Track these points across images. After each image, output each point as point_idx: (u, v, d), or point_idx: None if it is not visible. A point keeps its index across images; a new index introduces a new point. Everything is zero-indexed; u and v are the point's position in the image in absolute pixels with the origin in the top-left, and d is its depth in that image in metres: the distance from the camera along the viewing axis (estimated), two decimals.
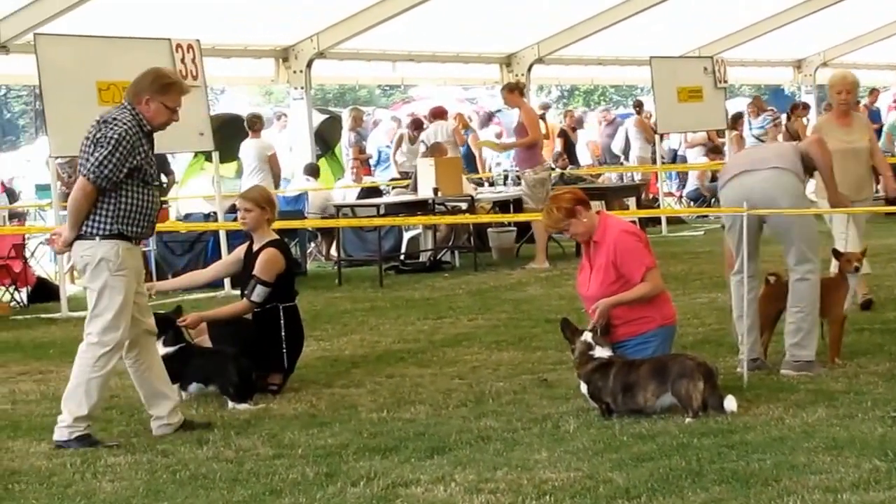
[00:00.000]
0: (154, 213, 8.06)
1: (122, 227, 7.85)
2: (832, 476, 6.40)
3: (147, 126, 7.90)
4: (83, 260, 7.92)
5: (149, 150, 7.92)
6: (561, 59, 25.45)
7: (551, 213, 8.71)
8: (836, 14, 25.61)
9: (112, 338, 7.86)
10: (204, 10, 18.47)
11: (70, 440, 7.86)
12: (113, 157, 7.71)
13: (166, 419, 8.15)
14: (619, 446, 7.25)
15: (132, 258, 7.97)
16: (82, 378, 7.89)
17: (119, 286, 7.84)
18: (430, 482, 6.72)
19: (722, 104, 22.48)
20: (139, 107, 7.88)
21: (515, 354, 10.60)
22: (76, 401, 7.89)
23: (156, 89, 7.90)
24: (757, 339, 9.32)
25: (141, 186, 7.89)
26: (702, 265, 16.09)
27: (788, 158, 9.22)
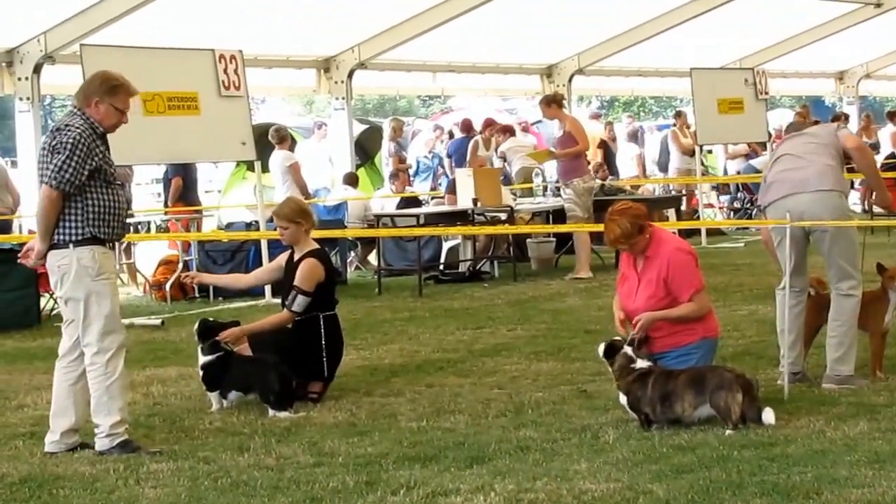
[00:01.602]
0: (123, 213, 8.09)
1: (94, 230, 7.86)
2: (874, 490, 6.38)
3: (99, 128, 7.94)
4: (60, 270, 7.90)
5: (105, 151, 7.96)
6: (601, 71, 25.45)
7: (623, 227, 8.54)
8: (880, 25, 25.51)
9: (112, 340, 7.90)
10: (247, 21, 18.58)
11: (113, 447, 7.90)
12: (72, 161, 7.75)
13: (59, 437, 8.05)
14: (659, 458, 7.25)
15: (109, 262, 8.00)
16: (101, 389, 7.91)
17: (103, 290, 7.88)
18: (469, 492, 6.74)
19: (763, 116, 22.43)
20: (89, 110, 7.93)
21: (554, 365, 10.60)
22: (104, 411, 7.92)
23: (104, 91, 7.96)
24: (801, 352, 9.31)
25: (105, 187, 7.92)
26: (742, 277, 16.05)
27: (829, 178, 9.17)
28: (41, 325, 14.51)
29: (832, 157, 9.22)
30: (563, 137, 17.28)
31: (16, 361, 12.03)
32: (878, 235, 20.89)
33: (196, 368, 9.62)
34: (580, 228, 16.49)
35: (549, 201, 19.66)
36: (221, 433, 8.49)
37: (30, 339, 13.51)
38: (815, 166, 9.16)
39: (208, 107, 15.27)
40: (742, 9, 23.50)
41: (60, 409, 8.11)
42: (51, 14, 16.83)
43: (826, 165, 9.17)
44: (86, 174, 7.81)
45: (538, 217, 19.02)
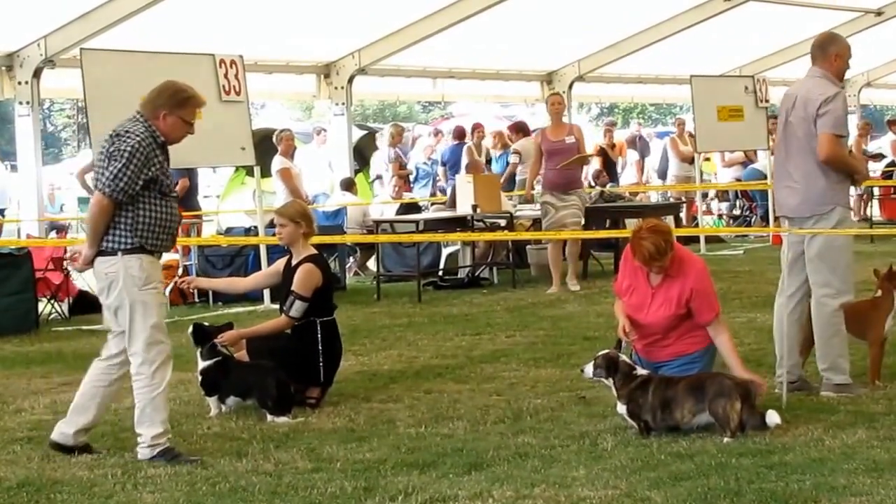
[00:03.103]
0: (174, 226, 7.98)
1: (142, 241, 7.76)
2: (872, 498, 6.39)
3: (160, 138, 7.85)
4: (108, 277, 7.83)
5: (164, 161, 7.86)
6: (601, 77, 25.47)
7: (658, 244, 8.43)
8: (880, 34, 25.53)
9: (158, 351, 7.82)
10: (247, 25, 18.59)
11: (154, 456, 7.80)
12: (127, 170, 7.64)
13: (71, 433, 8.02)
14: (657, 465, 7.25)
15: (156, 272, 7.91)
16: (146, 400, 7.82)
17: (149, 300, 7.80)
18: (467, 498, 6.74)
19: (763, 123, 22.42)
20: (155, 122, 7.84)
21: (553, 371, 10.60)
22: (147, 422, 7.84)
23: (174, 104, 7.88)
24: (798, 360, 9.31)
25: (158, 198, 7.81)
26: (741, 284, 16.05)
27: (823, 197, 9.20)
28: (39, 330, 14.51)
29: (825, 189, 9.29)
30: (574, 146, 16.80)
31: (14, 366, 12.02)
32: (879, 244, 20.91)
33: (195, 373, 9.62)
34: (578, 235, 16.47)
35: None
36: (220, 438, 8.49)
37: (28, 344, 13.50)
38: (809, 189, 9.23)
39: (208, 112, 15.05)
40: (742, 16, 23.54)
41: (81, 407, 8.06)
42: (51, 18, 16.84)
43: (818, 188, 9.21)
44: (140, 184, 7.69)
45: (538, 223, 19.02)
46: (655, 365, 8.50)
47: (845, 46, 9.37)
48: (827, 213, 9.11)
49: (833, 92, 9.09)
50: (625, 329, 8.50)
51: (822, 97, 9.04)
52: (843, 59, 9.31)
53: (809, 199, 9.15)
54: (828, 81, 9.20)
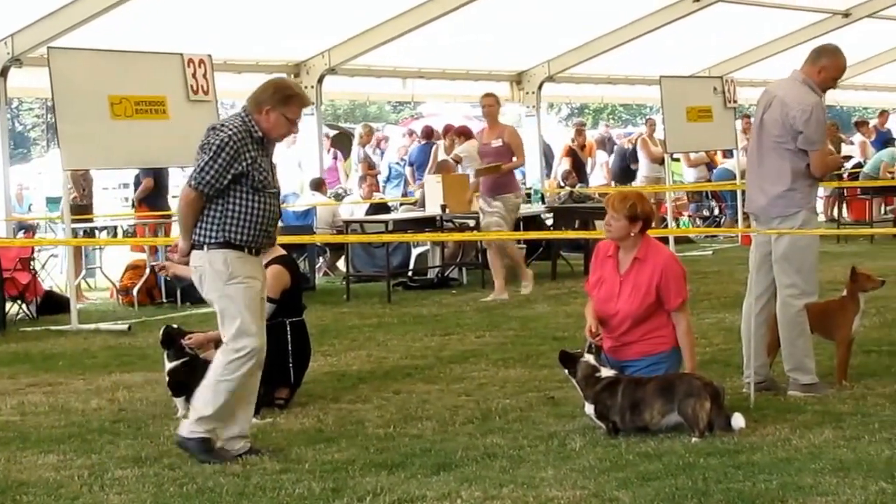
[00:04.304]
0: (269, 221, 7.78)
1: (228, 236, 7.64)
2: (838, 498, 6.41)
3: (258, 133, 7.71)
4: (197, 271, 7.76)
5: (258, 156, 7.68)
6: (571, 78, 25.49)
7: (628, 195, 8.67)
8: (847, 36, 25.61)
9: (243, 344, 7.65)
10: (216, 25, 18.53)
11: (188, 439, 7.71)
12: (214, 164, 7.55)
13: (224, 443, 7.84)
14: (626, 465, 7.26)
15: (247, 266, 7.71)
16: (212, 379, 7.72)
17: (236, 294, 7.63)
18: (435, 499, 6.74)
19: (731, 124, 22.51)
20: (257, 116, 7.70)
21: (522, 372, 10.61)
22: (203, 399, 7.73)
23: (277, 100, 7.73)
24: (766, 361, 9.34)
25: (251, 193, 7.66)
26: (710, 285, 16.10)
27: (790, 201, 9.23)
28: (6, 331, 14.43)
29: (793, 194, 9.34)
30: (502, 149, 16.23)
31: None
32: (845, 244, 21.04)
33: (162, 374, 9.59)
34: (556, 235, 16.48)
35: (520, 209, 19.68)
36: None
37: None
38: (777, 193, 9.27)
39: (177, 111, 15.22)
40: (711, 17, 23.59)
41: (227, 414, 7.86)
42: (18, 16, 16.74)
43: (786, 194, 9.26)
44: (228, 178, 7.58)
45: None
46: (622, 364, 8.50)
47: (837, 66, 9.36)
48: (792, 215, 9.14)
49: (811, 104, 9.09)
50: (591, 329, 8.51)
51: (800, 108, 9.04)
52: (828, 75, 9.32)
53: (776, 200, 9.18)
54: (808, 89, 9.21)
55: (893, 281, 15.39)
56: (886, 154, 24.86)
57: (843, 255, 18.62)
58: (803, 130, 9.02)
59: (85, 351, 12.82)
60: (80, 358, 12.32)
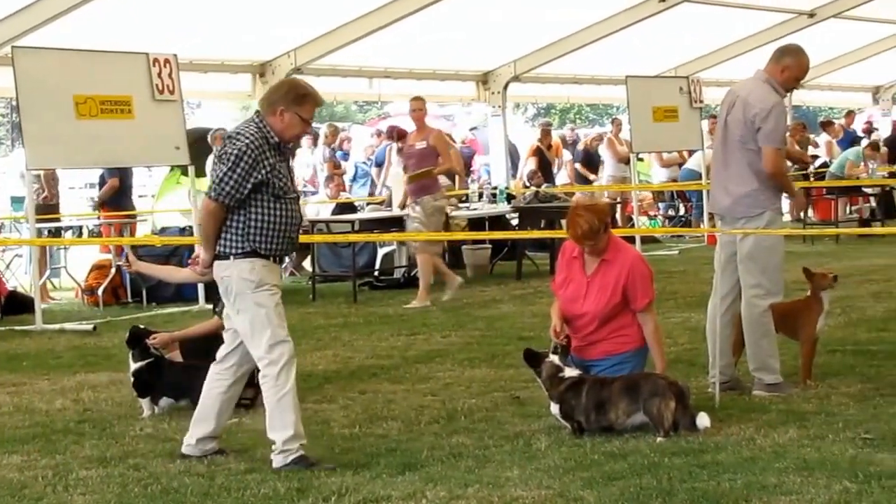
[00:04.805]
0: (292, 228, 7.66)
1: (255, 245, 7.51)
2: (802, 497, 6.43)
3: (274, 138, 7.58)
4: (223, 282, 7.65)
5: (277, 162, 7.54)
6: (537, 78, 25.51)
7: (591, 222, 8.50)
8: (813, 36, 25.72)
9: (281, 351, 7.52)
10: (181, 24, 18.46)
11: (287, 464, 7.52)
12: (234, 174, 7.42)
13: (195, 443, 7.83)
14: (591, 465, 7.27)
15: (271, 275, 7.60)
16: (272, 403, 7.55)
17: (264, 301, 7.52)
18: (401, 498, 6.74)
19: (697, 124, 22.58)
20: (271, 118, 7.57)
21: (488, 372, 10.61)
22: (278, 426, 7.55)
23: (291, 100, 7.58)
24: (731, 360, 9.37)
25: (272, 200, 7.52)
26: (676, 285, 16.15)
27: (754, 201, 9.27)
28: None
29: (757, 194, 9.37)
30: (426, 151, 15.93)
31: None
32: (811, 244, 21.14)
33: (127, 374, 9.55)
34: (522, 235, 16.48)
35: (485, 208, 19.72)
36: (152, 439, 8.44)
37: None
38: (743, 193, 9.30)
39: (142, 111, 15.18)
40: (677, 17, 23.65)
41: (202, 416, 7.84)
42: None
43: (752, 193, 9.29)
44: (248, 188, 7.44)
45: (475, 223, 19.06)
46: (587, 363, 8.52)
47: (800, 65, 9.39)
48: (757, 215, 9.17)
49: (772, 103, 9.12)
50: (555, 329, 8.53)
51: (761, 106, 9.09)
52: (791, 75, 9.35)
53: (741, 200, 9.22)
54: (770, 88, 9.24)
55: (858, 280, 15.63)
56: (852, 153, 25.00)
57: (809, 254, 18.72)
58: (761, 126, 9.06)
59: (50, 351, 12.76)
60: (44, 358, 12.26)
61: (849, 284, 14.80)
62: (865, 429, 7.85)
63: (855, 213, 25.88)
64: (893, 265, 17.45)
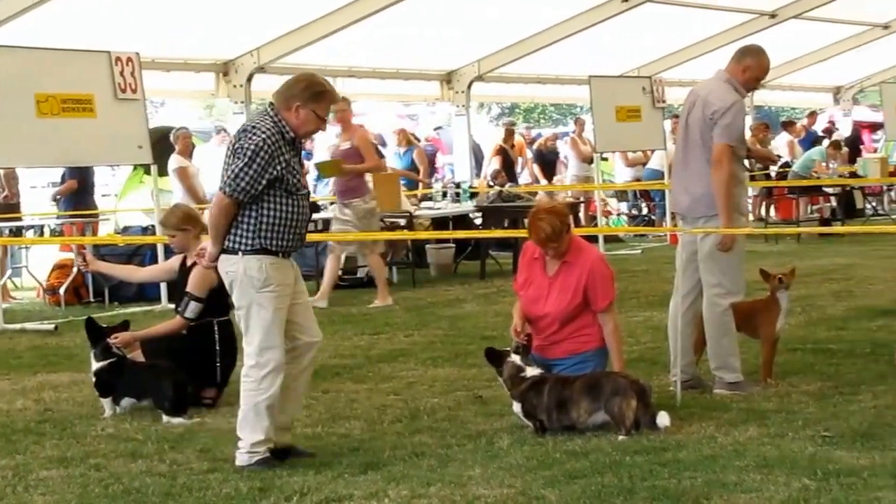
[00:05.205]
0: (302, 224, 7.57)
1: (264, 242, 7.41)
2: (762, 494, 6.47)
3: (290, 133, 7.48)
4: (228, 277, 7.55)
5: (290, 158, 7.45)
6: (501, 77, 25.53)
7: (554, 225, 8.53)
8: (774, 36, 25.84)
9: (270, 357, 7.43)
10: (144, 23, 18.39)
11: (252, 464, 7.49)
12: (249, 169, 7.29)
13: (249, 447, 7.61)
14: (553, 463, 7.29)
15: (280, 273, 7.49)
16: (250, 403, 7.50)
17: (266, 303, 7.41)
18: (363, 497, 6.74)
19: (660, 124, 22.66)
20: (286, 113, 7.45)
21: (451, 371, 10.63)
22: (249, 427, 7.51)
23: (308, 97, 7.45)
24: (692, 359, 9.41)
25: (284, 197, 7.43)
26: (638, 284, 16.20)
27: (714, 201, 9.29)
28: None
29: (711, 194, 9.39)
30: (350, 151, 15.73)
31: None
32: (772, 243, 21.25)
33: (89, 374, 9.52)
34: (485, 235, 16.47)
35: (449, 207, 19.74)
36: (113, 439, 8.41)
37: None
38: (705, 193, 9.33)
39: (104, 109, 15.11)
40: (640, 17, 23.72)
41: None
42: None
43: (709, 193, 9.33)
44: (263, 184, 7.32)
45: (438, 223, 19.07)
46: (549, 363, 8.55)
47: (761, 66, 9.43)
48: (716, 215, 9.20)
49: (731, 101, 9.17)
50: (516, 329, 8.55)
51: (720, 104, 9.13)
52: (752, 75, 9.40)
53: (701, 200, 9.26)
54: (730, 87, 9.28)
55: (818, 280, 15.72)
56: (817, 153, 25.15)
57: (771, 254, 18.85)
58: (717, 122, 9.10)
59: (10, 351, 12.70)
60: (5, 358, 12.21)
61: (809, 283, 14.90)
62: (825, 427, 7.90)
63: (816, 213, 26.03)
64: (853, 264, 17.58)
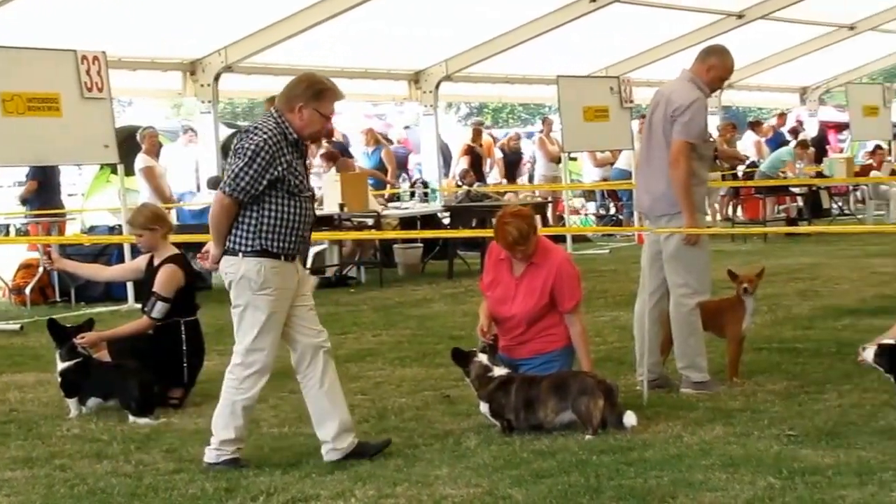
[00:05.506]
0: (305, 226, 7.50)
1: (265, 243, 7.33)
2: (728, 493, 6.49)
3: (293, 134, 7.41)
4: (227, 277, 7.49)
5: (293, 159, 7.37)
6: (469, 77, 25.52)
7: (521, 228, 8.53)
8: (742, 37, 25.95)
9: (255, 359, 7.42)
10: (111, 21, 18.32)
11: (217, 463, 7.47)
12: (249, 169, 7.22)
13: (332, 443, 7.56)
14: (520, 463, 7.30)
15: (279, 276, 7.38)
16: (228, 400, 7.48)
17: (262, 305, 7.35)
18: (329, 497, 6.74)
19: (628, 124, 22.70)
20: (290, 115, 7.39)
21: (418, 371, 10.63)
22: (223, 423, 7.49)
23: (310, 96, 7.42)
24: (658, 358, 9.44)
25: (286, 198, 7.35)
26: (606, 283, 16.23)
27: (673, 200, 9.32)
28: None
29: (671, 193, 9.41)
30: None
31: None
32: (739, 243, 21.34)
33: (55, 374, 9.47)
34: (453, 234, 16.46)
35: (417, 207, 19.74)
36: (79, 440, 8.38)
37: None
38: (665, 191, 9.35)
39: (70, 108, 15.04)
40: (608, 17, 23.76)
41: (320, 415, 7.62)
42: None
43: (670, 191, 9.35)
44: (264, 184, 7.25)
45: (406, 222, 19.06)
46: (516, 362, 8.56)
47: (725, 65, 9.48)
48: (677, 213, 9.23)
49: (692, 98, 9.20)
50: (483, 329, 8.56)
51: (680, 102, 9.17)
52: (716, 74, 9.44)
53: (662, 198, 9.29)
54: (693, 86, 9.32)
55: (784, 279, 15.78)
56: (786, 153, 25.26)
57: (738, 253, 18.91)
58: (677, 119, 9.13)
59: None
60: None
61: (776, 283, 14.96)
62: (790, 425, 7.94)
63: (782, 213, 26.13)
64: (819, 264, 17.66)
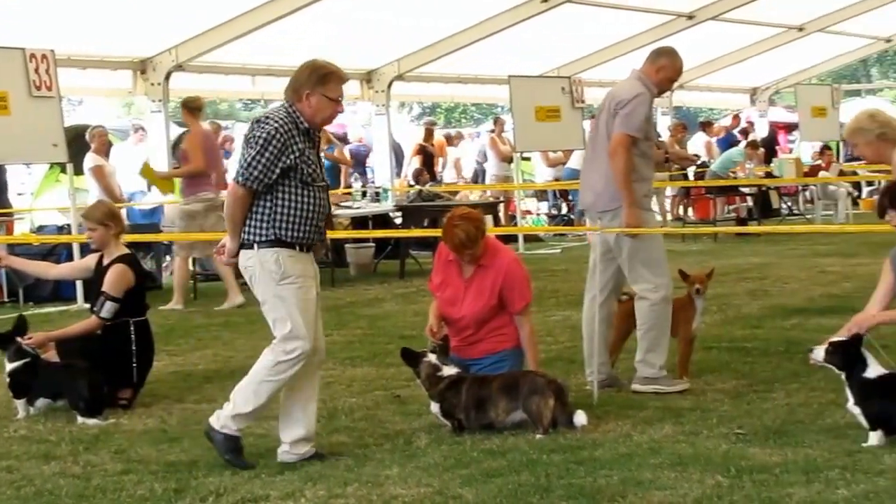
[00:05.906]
0: (319, 216, 7.43)
1: (279, 233, 7.30)
2: (676, 492, 6.52)
3: (304, 123, 7.36)
4: (247, 272, 7.44)
5: (305, 148, 7.33)
6: (421, 77, 25.53)
7: (469, 231, 8.52)
8: (692, 37, 26.09)
9: (294, 346, 7.34)
10: (59, 19, 18.20)
11: (218, 432, 7.41)
12: (262, 158, 7.20)
13: (290, 447, 7.52)
14: (470, 462, 7.30)
15: (299, 265, 7.35)
16: (256, 377, 7.39)
17: (287, 294, 7.30)
18: (279, 498, 6.72)
19: (579, 124, 22.78)
20: (299, 104, 7.36)
21: (369, 370, 10.62)
22: (243, 396, 7.41)
23: (315, 81, 7.40)
24: (607, 358, 9.46)
25: (299, 187, 7.31)
26: (557, 283, 16.26)
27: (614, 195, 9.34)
28: None
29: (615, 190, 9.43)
30: (182, 153, 15.84)
31: None
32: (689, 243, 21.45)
33: (3, 375, 9.40)
34: (405, 234, 16.44)
35: (369, 207, 19.72)
36: (26, 441, 8.32)
37: None
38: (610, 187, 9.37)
39: (18, 107, 14.92)
40: (560, 18, 23.82)
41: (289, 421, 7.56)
42: None
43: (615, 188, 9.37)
44: (277, 172, 7.22)
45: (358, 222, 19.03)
46: (467, 362, 8.56)
47: (675, 66, 9.54)
48: (616, 209, 9.26)
49: (635, 93, 9.25)
50: (431, 329, 8.57)
51: (623, 96, 9.23)
52: (666, 75, 9.50)
53: (603, 195, 9.32)
54: (639, 83, 9.37)
55: (734, 279, 15.87)
56: (738, 153, 25.42)
57: (689, 253, 18.99)
58: (618, 112, 9.17)
59: None
60: None
61: (725, 282, 15.04)
62: (738, 424, 7.99)
63: (733, 213, 26.29)
64: (769, 264, 17.78)
